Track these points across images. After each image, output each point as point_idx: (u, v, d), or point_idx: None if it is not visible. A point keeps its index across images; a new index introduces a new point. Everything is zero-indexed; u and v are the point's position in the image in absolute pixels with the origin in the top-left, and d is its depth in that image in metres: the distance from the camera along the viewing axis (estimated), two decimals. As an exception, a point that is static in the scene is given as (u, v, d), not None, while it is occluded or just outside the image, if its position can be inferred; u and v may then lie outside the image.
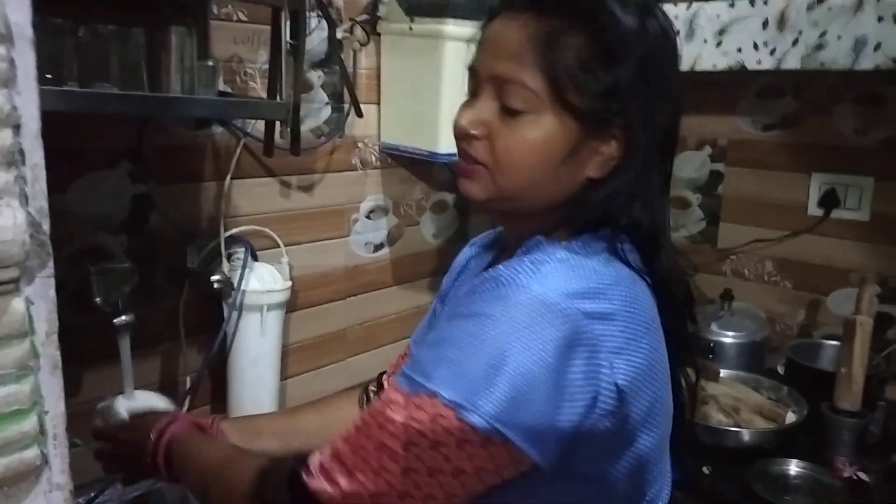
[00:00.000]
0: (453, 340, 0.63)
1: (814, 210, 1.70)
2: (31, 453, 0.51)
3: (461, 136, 0.73)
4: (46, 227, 0.51)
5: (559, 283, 0.63)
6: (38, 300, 0.51)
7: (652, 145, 0.71)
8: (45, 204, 0.51)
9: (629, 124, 0.69)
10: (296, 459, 0.68)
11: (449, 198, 1.80)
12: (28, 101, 0.49)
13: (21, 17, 0.48)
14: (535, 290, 0.62)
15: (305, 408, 1.07)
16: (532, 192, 0.72)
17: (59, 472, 0.54)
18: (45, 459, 0.53)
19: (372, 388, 1.03)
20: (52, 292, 0.52)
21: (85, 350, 1.17)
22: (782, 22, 1.40)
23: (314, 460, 0.65)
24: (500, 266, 0.66)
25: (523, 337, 0.60)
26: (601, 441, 0.64)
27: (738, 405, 1.43)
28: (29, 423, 0.50)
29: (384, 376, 1.01)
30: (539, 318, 0.61)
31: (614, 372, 0.62)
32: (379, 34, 1.53)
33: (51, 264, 0.52)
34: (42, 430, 0.52)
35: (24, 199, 0.50)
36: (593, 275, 0.65)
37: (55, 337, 0.52)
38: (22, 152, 0.49)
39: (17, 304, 0.49)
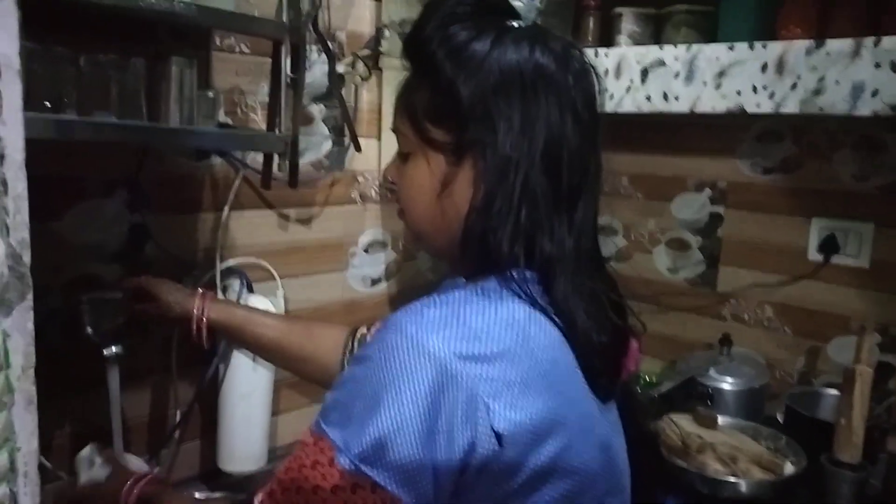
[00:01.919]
0: (346, 384, 0.65)
1: (814, 255, 1.69)
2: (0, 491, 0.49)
3: (384, 184, 0.83)
4: (27, 258, 0.50)
5: (436, 325, 0.63)
6: (15, 333, 0.50)
7: (514, 167, 0.70)
8: (26, 235, 0.50)
9: (478, 151, 0.71)
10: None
11: (448, 234, 1.79)
12: (13, 132, 0.49)
13: (9, 48, 0.48)
14: (409, 332, 0.63)
15: (297, 326, 1.15)
16: (429, 229, 0.78)
17: (28, 511, 0.52)
18: (13, 498, 0.51)
19: (362, 330, 1.09)
20: (31, 325, 0.51)
21: (75, 380, 1.15)
22: (781, 66, 1.40)
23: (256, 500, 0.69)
24: (400, 309, 0.68)
25: (396, 379, 0.61)
26: (493, 486, 0.63)
27: (736, 454, 1.41)
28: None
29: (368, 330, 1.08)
30: (410, 361, 0.61)
31: (491, 416, 0.62)
32: (381, 69, 1.54)
33: (30, 297, 0.51)
34: (12, 468, 0.51)
35: (6, 231, 0.49)
36: (477, 316, 0.65)
37: (31, 371, 0.51)
38: (5, 183, 0.48)
39: (-7, 336, 0.48)
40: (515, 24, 0.74)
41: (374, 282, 1.64)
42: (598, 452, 0.70)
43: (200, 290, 1.12)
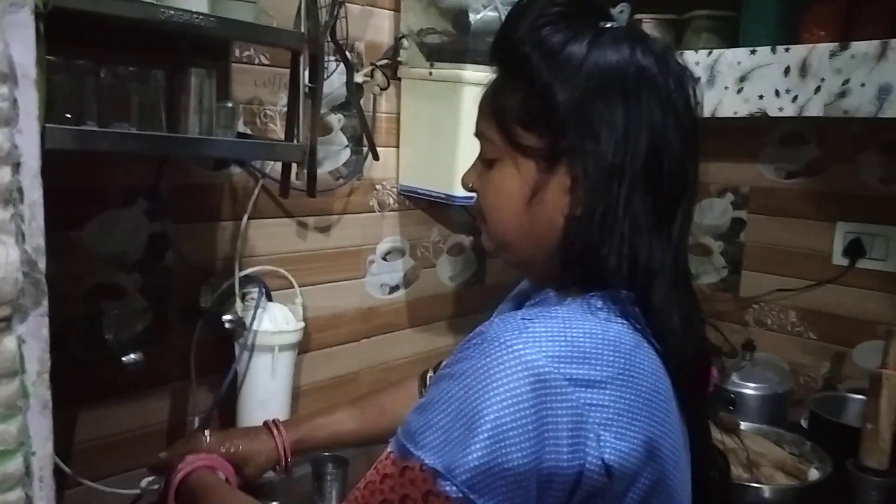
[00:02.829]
0: (439, 403, 0.60)
1: (838, 259, 1.67)
2: (15, 495, 0.50)
3: (464, 189, 0.79)
4: (42, 265, 0.51)
5: (545, 344, 0.60)
6: (31, 339, 0.51)
7: (618, 175, 0.67)
8: (41, 242, 0.51)
9: (576, 158, 0.68)
10: None
11: (466, 241, 1.79)
12: (29, 140, 0.49)
13: (26, 57, 0.49)
14: (517, 350, 0.59)
15: (369, 405, 1.13)
16: (516, 239, 0.74)
17: (43, 515, 0.53)
18: (28, 502, 0.52)
19: (430, 374, 1.08)
20: (46, 331, 0.52)
21: (94, 387, 1.16)
22: (804, 69, 1.38)
23: None
24: (495, 320, 0.64)
25: (504, 402, 0.57)
26: None
27: (759, 460, 1.38)
28: (14, 465, 0.50)
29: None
30: (515, 376, 0.58)
31: (601, 446, 0.58)
32: (399, 78, 1.55)
33: (45, 303, 0.52)
34: (28, 472, 0.51)
35: (21, 237, 0.50)
36: (586, 337, 0.62)
37: (46, 376, 0.51)
38: (21, 190, 0.49)
39: (9, 342, 0.49)
40: (610, 24, 0.71)
41: (392, 289, 1.65)
42: (684, 477, 0.68)
43: (271, 423, 1.08)
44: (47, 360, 0.51)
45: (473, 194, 0.78)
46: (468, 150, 1.46)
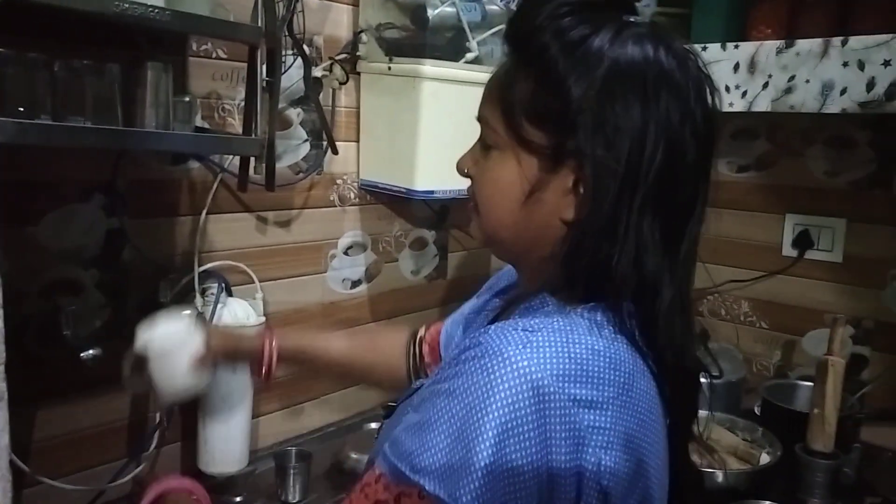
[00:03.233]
0: (437, 423, 0.57)
1: (788, 251, 1.72)
2: (-29, 486, 0.50)
3: (459, 174, 0.76)
4: (-4, 257, 0.51)
5: (549, 360, 0.57)
6: (-14, 331, 0.51)
7: (630, 181, 0.62)
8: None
9: (584, 161, 0.64)
10: None
11: (428, 235, 1.80)
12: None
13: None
14: (521, 366, 0.56)
15: (360, 339, 1.16)
16: (509, 236, 0.71)
17: (0, 505, 0.53)
18: (-15, 493, 0.52)
19: (421, 333, 1.08)
20: (1, 324, 0.52)
21: (52, 384, 1.15)
22: (752, 66, 1.43)
23: None
24: (491, 328, 0.61)
25: (507, 422, 0.55)
26: None
27: (714, 446, 1.43)
28: (-30, 455, 0.49)
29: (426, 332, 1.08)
30: (524, 401, 0.55)
31: (601, 471, 0.57)
32: (359, 73, 1.55)
33: None
34: (-16, 463, 0.51)
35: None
36: (590, 354, 0.59)
37: (2, 369, 0.51)
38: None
39: (-37, 334, 0.49)
40: (633, 19, 0.66)
41: (354, 284, 1.65)
42: (664, 496, 0.67)
43: (266, 329, 1.13)
44: (2, 352, 0.51)
45: (466, 183, 0.75)
46: (428, 144, 1.48)
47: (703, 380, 0.73)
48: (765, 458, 1.41)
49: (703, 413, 1.52)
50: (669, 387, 0.66)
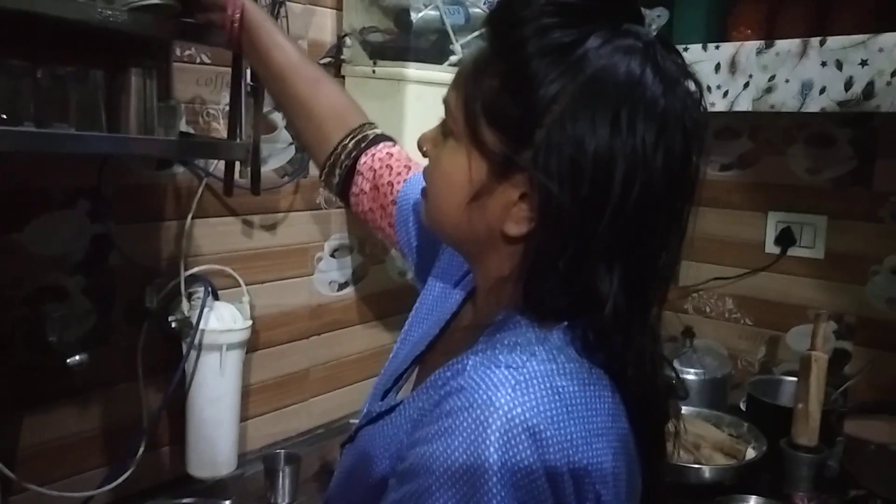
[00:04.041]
0: (440, 492, 0.53)
1: (771, 248, 1.74)
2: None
3: (419, 151, 0.73)
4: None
5: (540, 401, 0.54)
6: (-29, 337, 0.51)
7: (578, 218, 0.57)
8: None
9: (535, 177, 0.58)
10: None
11: (414, 237, 1.81)
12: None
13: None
14: (516, 413, 0.53)
15: (308, 69, 1.00)
16: (452, 231, 0.68)
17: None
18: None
19: (373, 131, 0.98)
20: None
21: (39, 391, 1.15)
22: (733, 66, 1.45)
23: None
24: (470, 366, 0.57)
25: (512, 476, 0.52)
26: None
27: (699, 442, 1.44)
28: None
29: (368, 144, 0.97)
30: (524, 451, 0.53)
31: None
32: (343, 76, 1.56)
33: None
34: (-29, 469, 0.51)
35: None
36: (576, 387, 0.57)
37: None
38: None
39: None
40: (632, 28, 0.59)
41: (342, 286, 1.66)
42: None
43: None
44: (-11, 358, 0.52)
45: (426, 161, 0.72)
46: (411, 147, 1.48)
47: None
48: (750, 453, 1.42)
49: (687, 409, 1.55)
50: (634, 406, 0.63)
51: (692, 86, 0.61)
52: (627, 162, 0.56)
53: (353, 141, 0.96)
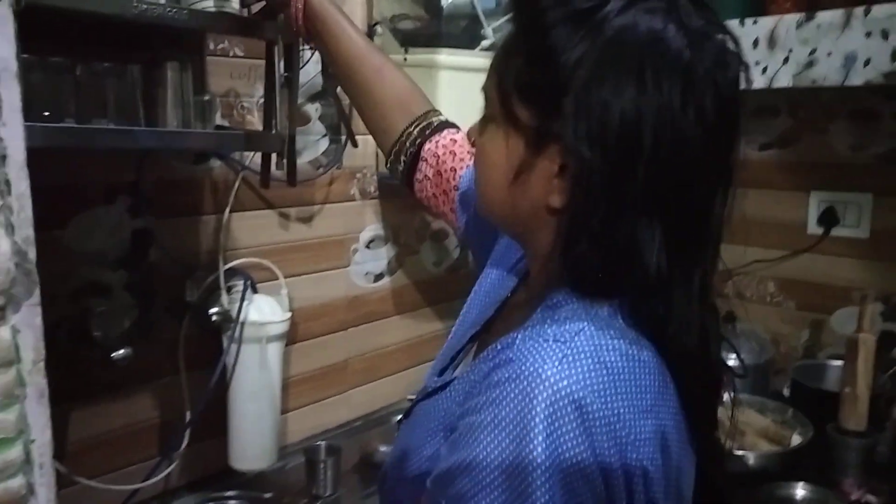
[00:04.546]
0: (486, 461, 0.54)
1: (813, 228, 1.70)
2: (17, 482, 0.51)
3: (468, 142, 0.76)
4: (32, 255, 0.52)
5: (588, 374, 0.55)
6: (25, 328, 0.52)
7: (614, 179, 0.58)
8: (31, 233, 0.52)
9: (567, 145, 0.59)
10: None
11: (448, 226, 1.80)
12: (14, 133, 0.50)
13: (6, 51, 0.49)
14: (562, 385, 0.54)
15: (374, 59, 1.02)
16: (501, 214, 0.69)
17: (45, 501, 0.54)
18: (30, 489, 0.53)
19: (439, 118, 1.00)
20: (39, 320, 0.53)
21: (84, 385, 1.17)
22: (772, 41, 1.41)
23: None
24: (519, 341, 0.58)
25: (557, 447, 0.53)
26: None
27: (744, 429, 1.42)
28: (14, 452, 0.50)
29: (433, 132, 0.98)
30: (570, 423, 0.53)
31: (647, 479, 0.56)
32: (374, 66, 1.55)
33: (37, 292, 0.52)
34: (28, 459, 0.52)
35: (11, 229, 0.50)
36: (625, 361, 0.57)
37: (42, 365, 0.52)
38: (8, 182, 0.50)
39: (3, 332, 0.50)
40: None
41: (377, 277, 1.66)
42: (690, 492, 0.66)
43: None
44: (42, 348, 0.52)
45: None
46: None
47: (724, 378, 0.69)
48: (796, 440, 1.40)
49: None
50: (687, 384, 0.62)
51: (728, 43, 0.61)
52: (655, 119, 0.57)
53: (417, 128, 0.99)
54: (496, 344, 0.61)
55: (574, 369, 0.54)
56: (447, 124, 1.00)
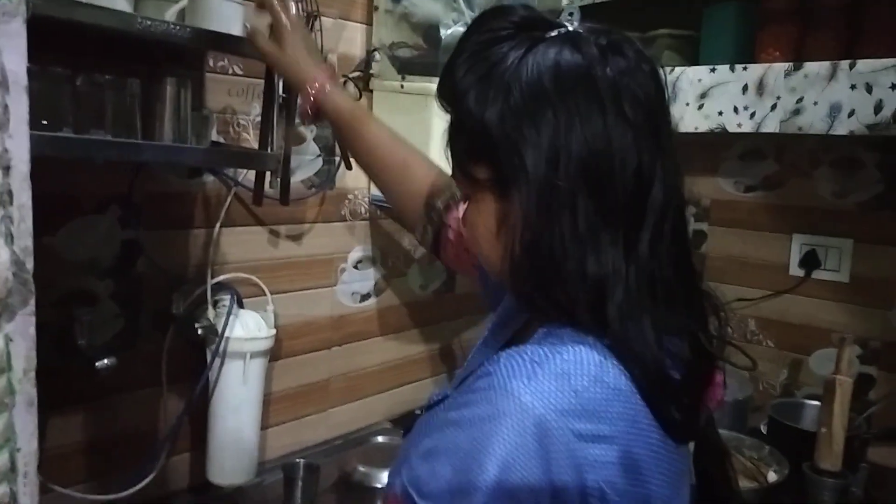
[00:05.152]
0: (444, 453, 0.60)
1: (795, 270, 1.73)
2: (0, 491, 0.51)
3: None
4: (30, 265, 0.53)
5: (553, 394, 0.58)
6: (18, 337, 0.52)
7: (549, 192, 0.62)
8: (29, 243, 0.53)
9: (518, 180, 0.64)
10: None
11: (436, 250, 1.82)
12: (19, 145, 0.51)
13: (17, 65, 0.51)
14: (525, 401, 0.57)
15: (397, 149, 1.09)
16: (499, 267, 0.70)
17: (27, 510, 0.54)
18: (13, 498, 0.53)
19: (442, 201, 1.03)
20: (33, 330, 0.53)
21: (66, 393, 1.16)
22: (761, 87, 1.44)
23: None
24: (503, 355, 0.62)
25: (510, 456, 0.56)
26: None
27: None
28: (0, 460, 0.51)
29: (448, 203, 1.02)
30: (528, 436, 0.56)
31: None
32: (372, 90, 1.57)
33: (32, 302, 0.53)
34: (13, 468, 0.52)
35: (10, 238, 0.51)
36: (595, 386, 0.59)
37: (32, 374, 0.53)
38: (10, 193, 0.51)
39: (-4, 340, 0.50)
40: (555, 32, 0.66)
41: (363, 297, 1.66)
42: None
43: (326, 64, 1.07)
44: (33, 358, 0.53)
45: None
46: (439, 160, 1.49)
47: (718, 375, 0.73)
48: (772, 477, 1.41)
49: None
50: (647, 396, 0.62)
51: (628, 49, 0.66)
52: (575, 132, 0.62)
53: (442, 205, 1.03)
54: (488, 361, 0.65)
55: (541, 387, 0.58)
56: None
